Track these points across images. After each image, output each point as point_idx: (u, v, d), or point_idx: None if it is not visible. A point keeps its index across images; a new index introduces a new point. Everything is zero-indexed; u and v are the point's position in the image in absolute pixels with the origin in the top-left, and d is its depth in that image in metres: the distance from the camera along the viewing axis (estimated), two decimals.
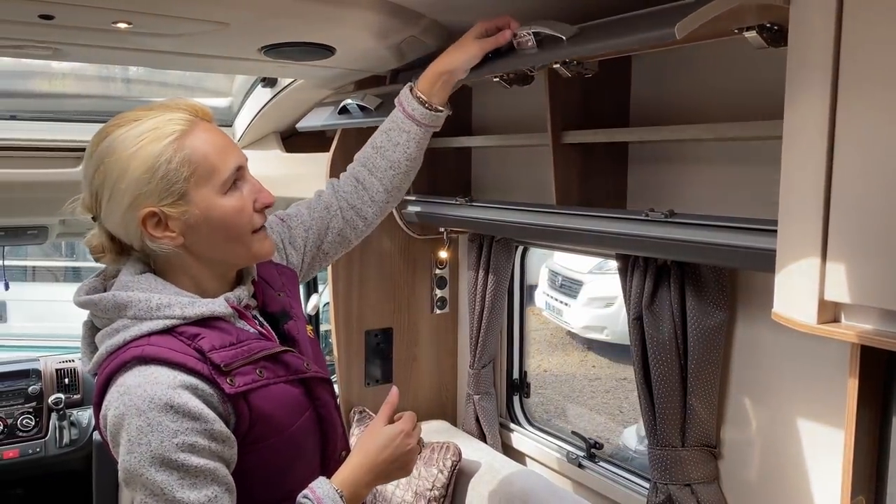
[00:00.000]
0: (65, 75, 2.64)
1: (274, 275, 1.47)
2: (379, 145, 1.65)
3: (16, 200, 2.81)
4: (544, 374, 7.80)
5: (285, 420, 1.26)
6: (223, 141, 1.26)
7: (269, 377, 1.24)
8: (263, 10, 1.51)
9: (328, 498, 1.23)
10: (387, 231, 2.64)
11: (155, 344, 1.17)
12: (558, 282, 7.75)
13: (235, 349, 1.21)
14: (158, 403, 1.12)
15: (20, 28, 1.50)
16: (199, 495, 1.13)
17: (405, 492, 2.31)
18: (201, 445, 1.14)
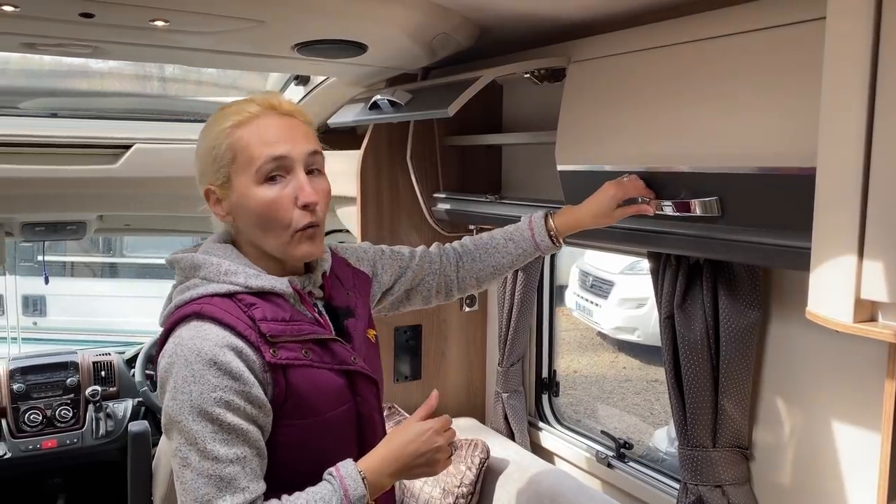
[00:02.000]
0: (103, 75, 2.70)
1: (348, 274, 1.52)
2: (493, 247, 1.72)
3: (55, 196, 2.88)
4: (574, 374, 7.76)
5: (322, 405, 1.30)
6: (275, 134, 1.29)
7: (313, 360, 1.29)
8: (299, 7, 1.53)
9: (350, 478, 1.26)
10: (416, 227, 2.65)
11: (214, 304, 1.24)
12: (589, 282, 7.70)
13: (285, 325, 1.27)
14: (204, 358, 1.19)
15: (62, 26, 1.54)
16: (228, 451, 1.18)
17: (433, 488, 2.32)
18: (237, 405, 1.19)
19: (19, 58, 2.49)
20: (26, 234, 3.13)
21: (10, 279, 6.90)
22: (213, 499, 1.18)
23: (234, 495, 1.19)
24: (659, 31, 1.61)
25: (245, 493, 1.20)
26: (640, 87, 1.65)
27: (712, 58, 1.48)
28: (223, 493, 1.18)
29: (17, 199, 2.86)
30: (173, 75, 2.80)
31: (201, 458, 1.18)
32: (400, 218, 2.62)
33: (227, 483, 1.19)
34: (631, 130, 1.67)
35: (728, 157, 1.45)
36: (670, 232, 1.65)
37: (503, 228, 1.74)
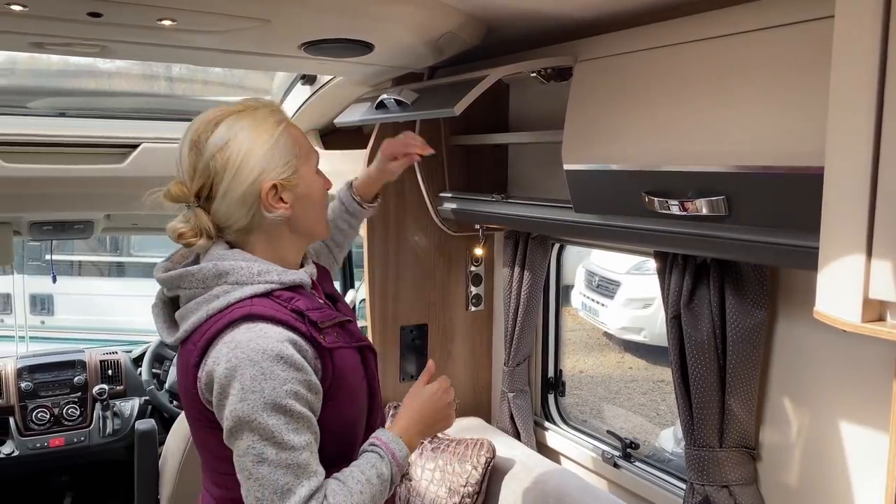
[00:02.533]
0: (111, 74, 2.70)
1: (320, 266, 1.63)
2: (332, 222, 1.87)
3: (63, 195, 2.89)
4: (580, 374, 7.74)
5: (353, 382, 1.40)
6: (298, 135, 1.44)
7: (343, 341, 1.39)
8: (304, 6, 1.53)
9: (393, 442, 1.37)
10: (423, 227, 2.65)
11: (259, 304, 1.31)
12: (595, 282, 7.68)
13: (321, 312, 1.37)
14: (270, 354, 1.25)
15: (69, 26, 1.54)
16: (300, 439, 1.26)
17: (439, 487, 2.32)
18: (303, 394, 1.27)
19: (28, 57, 2.50)
20: (34, 233, 3.15)
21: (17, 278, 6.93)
22: (294, 486, 1.23)
23: (311, 479, 1.25)
24: (665, 29, 1.61)
25: (317, 476, 1.27)
26: (647, 86, 1.64)
27: (719, 56, 1.48)
28: (301, 479, 1.24)
29: (25, 199, 2.87)
30: (180, 75, 2.81)
31: (279, 451, 1.24)
32: (406, 218, 2.62)
33: (304, 469, 1.25)
34: (637, 129, 1.67)
35: (734, 155, 1.44)
36: (677, 231, 1.64)
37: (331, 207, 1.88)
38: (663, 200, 1.62)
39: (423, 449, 2.42)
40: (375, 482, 1.32)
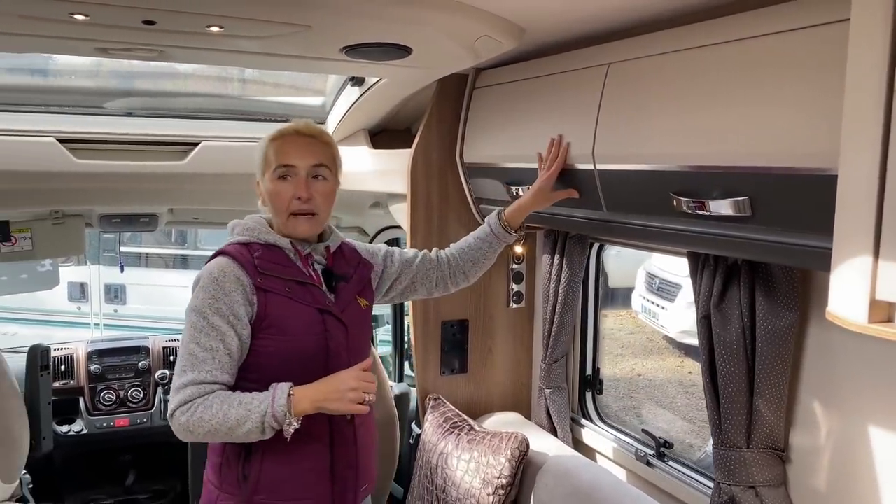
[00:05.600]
0: (187, 76, 2.87)
1: (354, 258, 1.97)
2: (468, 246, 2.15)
3: (130, 190, 3.07)
4: (638, 378, 7.66)
5: (294, 329, 1.73)
6: (289, 149, 1.80)
7: (292, 295, 1.74)
8: (342, 13, 1.61)
9: (280, 391, 1.63)
10: (464, 225, 2.70)
11: (232, 246, 1.78)
12: (655, 284, 7.58)
13: (275, 265, 1.76)
14: (211, 276, 1.70)
15: (128, 33, 1.67)
16: (206, 342, 1.66)
17: (473, 478, 2.38)
18: (222, 311, 1.67)
19: (109, 61, 2.66)
20: (104, 225, 3.36)
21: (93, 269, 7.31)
22: (186, 370, 1.65)
23: (199, 373, 1.64)
24: (693, 32, 1.63)
25: (205, 374, 1.64)
26: (674, 88, 1.66)
27: (743, 59, 1.49)
28: (193, 369, 1.65)
29: (96, 192, 3.06)
30: (253, 77, 2.95)
31: (190, 342, 1.67)
32: (448, 215, 2.68)
33: (199, 363, 1.65)
34: (665, 130, 1.69)
35: (756, 156, 1.45)
36: (703, 231, 1.66)
37: (475, 231, 2.16)
38: (689, 200, 1.64)
39: (460, 440, 2.49)
40: (246, 413, 1.60)
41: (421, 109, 2.72)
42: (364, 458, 1.89)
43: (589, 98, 1.93)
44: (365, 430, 1.90)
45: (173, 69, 2.80)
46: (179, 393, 1.64)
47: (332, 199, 1.86)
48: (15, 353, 3.28)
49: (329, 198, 1.84)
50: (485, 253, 2.12)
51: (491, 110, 2.46)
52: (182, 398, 1.63)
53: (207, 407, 1.62)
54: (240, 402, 1.62)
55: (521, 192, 2.28)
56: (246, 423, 1.60)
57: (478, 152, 2.51)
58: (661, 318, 7.51)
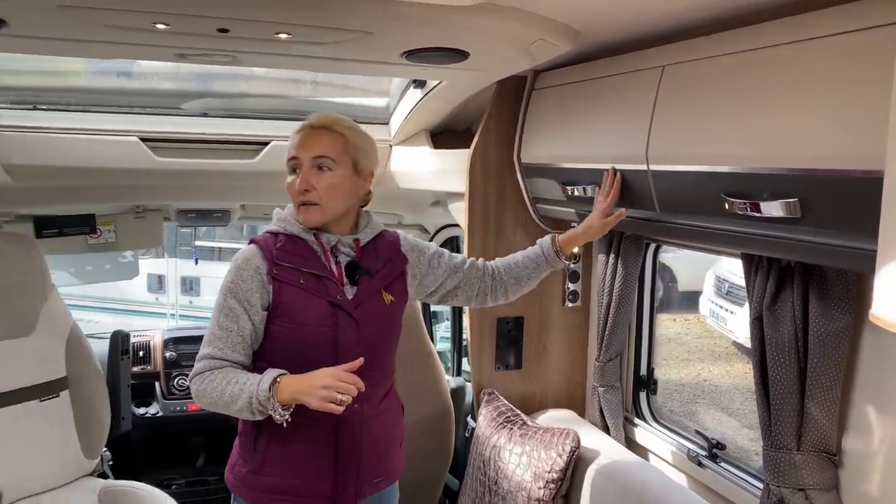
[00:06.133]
0: (260, 78, 3.01)
1: (389, 251, 2.00)
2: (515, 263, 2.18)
3: (205, 186, 3.25)
4: (704, 383, 7.52)
5: (304, 319, 1.82)
6: (300, 142, 1.89)
7: (305, 286, 1.83)
8: (401, 20, 1.69)
9: (268, 377, 1.70)
10: (521, 224, 2.76)
11: (263, 234, 1.90)
12: (725, 288, 7.43)
13: (294, 256, 1.85)
14: (236, 262, 1.85)
15: (204, 40, 1.80)
16: (224, 321, 1.81)
17: (525, 471, 2.43)
18: (240, 296, 1.81)
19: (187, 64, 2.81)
20: (181, 219, 3.56)
21: (170, 262, 7.67)
22: (205, 343, 1.82)
23: (213, 348, 1.80)
24: (746, 35, 1.64)
25: (217, 351, 1.79)
26: (727, 90, 1.68)
27: (796, 61, 1.50)
28: (209, 343, 1.81)
29: (174, 189, 3.26)
30: (325, 80, 3.07)
31: (212, 319, 1.84)
32: (505, 214, 2.74)
33: (214, 340, 1.81)
34: (717, 131, 1.71)
35: (806, 158, 1.46)
36: (754, 233, 1.67)
37: (525, 250, 2.19)
38: (741, 202, 1.65)
39: (513, 434, 2.54)
40: (238, 391, 1.71)
41: (481, 110, 2.78)
42: (375, 449, 1.93)
43: (643, 99, 1.95)
44: (381, 422, 1.94)
45: (249, 72, 2.94)
46: (197, 364, 1.82)
47: (338, 189, 1.86)
48: (98, 339, 3.50)
49: (334, 188, 1.85)
50: (530, 273, 2.15)
51: (548, 111, 2.50)
52: (197, 369, 1.81)
53: (211, 381, 1.76)
54: (237, 381, 1.73)
55: (577, 191, 2.32)
56: (238, 401, 1.71)
57: (535, 152, 2.56)
58: (729, 323, 7.35)
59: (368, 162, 1.94)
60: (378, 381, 1.93)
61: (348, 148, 1.88)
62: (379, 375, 1.93)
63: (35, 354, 2.87)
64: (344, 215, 1.92)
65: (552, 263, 2.14)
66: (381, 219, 3.75)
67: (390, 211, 3.76)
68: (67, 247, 3.40)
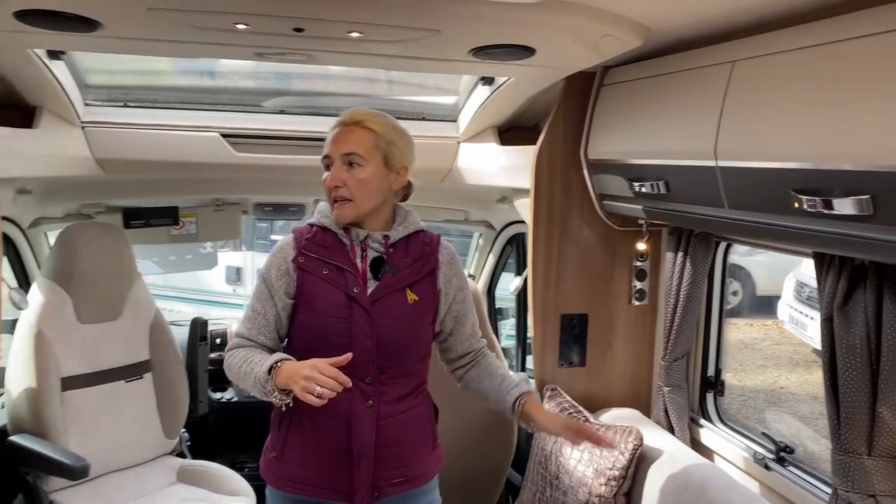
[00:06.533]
0: (337, 77, 3.11)
1: (418, 251, 1.97)
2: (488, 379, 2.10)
3: (281, 181, 3.37)
4: (780, 390, 7.29)
5: (322, 308, 1.88)
6: (332, 140, 1.93)
7: (327, 277, 1.88)
8: (468, 18, 1.73)
9: (272, 360, 1.75)
10: (587, 221, 2.76)
11: (302, 226, 1.98)
12: (805, 293, 7.17)
13: (320, 248, 1.91)
14: (273, 249, 1.96)
15: (280, 39, 1.89)
16: (256, 303, 1.93)
17: (587, 468, 2.43)
18: (269, 282, 1.91)
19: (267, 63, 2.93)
20: (257, 212, 3.71)
21: (248, 255, 7.93)
22: (240, 323, 1.96)
23: (244, 328, 1.92)
24: (818, 29, 1.61)
25: (246, 331, 1.91)
26: (797, 85, 1.65)
27: (868, 56, 1.46)
28: (242, 323, 1.94)
29: (252, 183, 3.39)
30: (399, 78, 3.14)
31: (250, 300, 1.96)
32: (571, 211, 2.75)
33: (245, 320, 1.93)
34: (787, 127, 1.68)
35: (880, 155, 1.42)
36: (824, 231, 1.63)
37: (503, 376, 2.08)
38: (810, 199, 1.62)
39: None
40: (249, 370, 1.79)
41: (549, 107, 2.79)
42: (393, 449, 1.91)
43: (713, 95, 1.93)
44: (400, 422, 1.92)
45: (325, 71, 3.03)
46: (231, 341, 1.96)
47: (368, 185, 1.87)
48: (179, 326, 3.68)
49: (364, 184, 1.87)
50: (488, 400, 2.09)
51: (617, 107, 2.50)
52: (229, 346, 1.94)
53: (234, 357, 1.88)
54: (251, 360, 1.81)
55: (644, 188, 2.31)
56: (248, 379, 1.79)
57: (602, 148, 2.56)
58: (809, 330, 7.08)
59: (402, 157, 1.93)
60: (395, 380, 1.92)
61: (379, 143, 1.88)
62: (396, 374, 1.92)
63: (121, 338, 3.06)
64: (378, 210, 1.93)
65: (506, 411, 2.04)
66: (448, 214, 3.86)
67: (457, 207, 3.81)
68: (152, 237, 3.59)
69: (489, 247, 4.02)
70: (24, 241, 3.30)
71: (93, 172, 2.91)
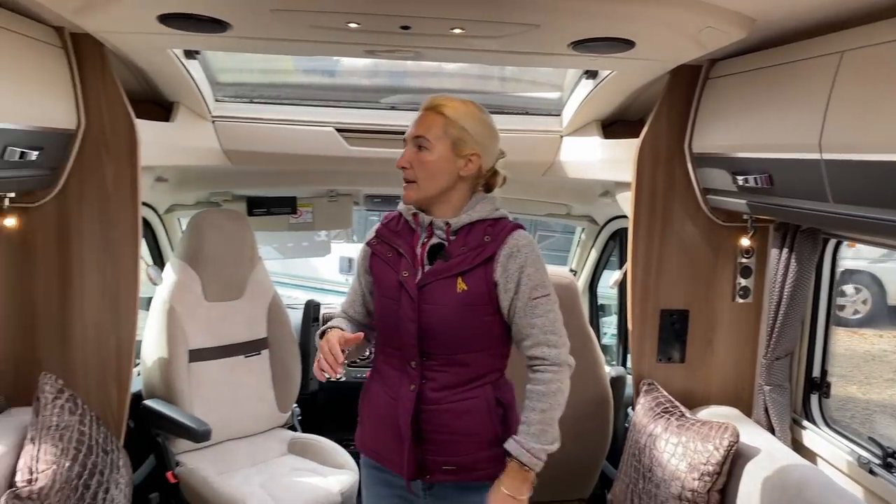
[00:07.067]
0: (452, 75, 3.22)
1: (477, 240, 1.90)
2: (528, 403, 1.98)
3: (391, 174, 3.51)
4: None
5: (382, 289, 1.98)
6: (412, 124, 1.93)
7: (388, 260, 1.96)
8: (567, 12, 1.80)
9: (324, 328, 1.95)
10: (690, 216, 2.73)
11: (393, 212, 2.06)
12: None
13: (391, 233, 2.00)
14: None
15: (389, 37, 2.02)
16: (353, 281, 2.11)
17: (680, 461, 2.43)
18: (359, 263, 2.06)
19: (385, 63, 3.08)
20: (368, 203, 3.91)
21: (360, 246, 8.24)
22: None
23: (343, 301, 2.13)
24: None
25: (344, 304, 2.11)
26: None
27: None
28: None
29: (363, 175, 3.58)
30: (512, 75, 3.23)
31: None
32: (673, 205, 2.73)
33: (346, 296, 2.12)
34: None
35: None
36: None
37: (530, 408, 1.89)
38: None
39: (670, 424, 2.54)
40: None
41: (654, 100, 2.79)
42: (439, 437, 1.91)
43: (819, 87, 1.89)
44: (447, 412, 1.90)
45: (440, 69, 3.15)
46: None
47: (431, 168, 1.87)
48: (293, 309, 3.93)
49: (426, 167, 1.87)
50: None
51: (722, 100, 2.47)
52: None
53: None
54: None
55: (747, 182, 2.27)
56: None
57: (706, 142, 2.53)
58: None
59: (474, 144, 1.89)
60: (445, 368, 1.90)
61: (448, 128, 1.87)
62: (445, 362, 1.89)
63: (243, 316, 3.32)
64: (446, 196, 1.92)
65: None
66: (550, 209, 3.90)
67: (559, 201, 3.84)
68: (272, 224, 3.86)
69: (591, 242, 4.03)
70: (160, 226, 3.64)
71: (221, 163, 3.18)
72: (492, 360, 1.95)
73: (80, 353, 2.53)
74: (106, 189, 2.47)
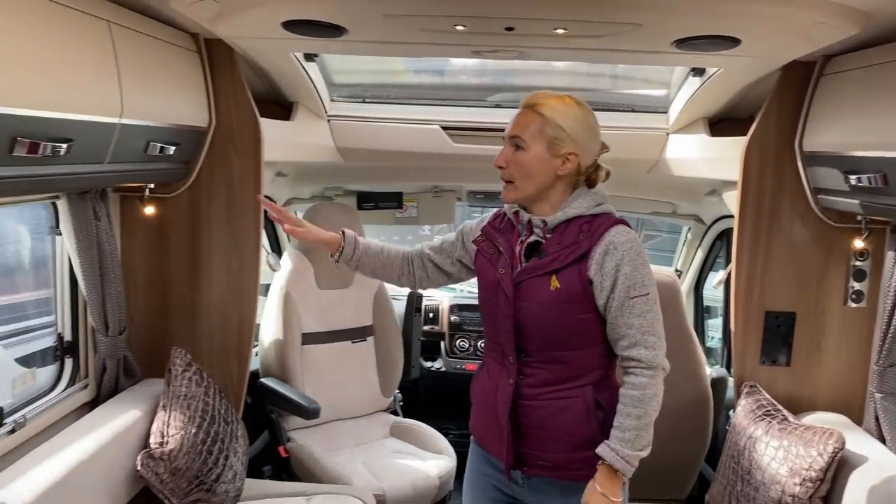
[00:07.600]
0: (561, 73, 3.26)
1: (572, 237, 1.86)
2: None
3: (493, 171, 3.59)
4: None
5: (483, 284, 2.01)
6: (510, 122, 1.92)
7: (490, 256, 1.98)
8: (669, 11, 1.81)
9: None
10: (800, 216, 2.65)
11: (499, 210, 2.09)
12: None
13: (494, 229, 2.01)
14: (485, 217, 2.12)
15: (494, 38, 2.10)
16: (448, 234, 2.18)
17: (780, 465, 2.38)
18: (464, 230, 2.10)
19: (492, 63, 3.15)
20: (470, 199, 4.02)
21: None
22: None
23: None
24: None
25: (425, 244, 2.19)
26: None
27: None
28: None
29: (466, 172, 3.68)
30: (623, 73, 3.24)
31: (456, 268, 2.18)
32: (782, 204, 2.66)
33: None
34: None
35: None
36: None
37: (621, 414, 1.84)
38: None
39: (771, 427, 2.50)
40: None
41: (764, 98, 2.73)
42: (535, 431, 1.91)
43: None
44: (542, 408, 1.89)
45: (548, 66, 3.18)
46: None
47: (526, 168, 1.85)
48: (397, 300, 4.09)
49: (521, 167, 1.86)
50: None
51: (836, 97, 2.39)
52: None
53: None
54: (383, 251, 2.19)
55: (860, 182, 2.20)
56: None
57: (818, 140, 2.46)
58: None
59: (571, 143, 1.84)
60: (542, 365, 1.89)
61: (545, 128, 1.83)
62: (542, 359, 1.89)
63: (351, 304, 3.51)
64: (545, 195, 1.89)
65: None
66: (655, 207, 3.86)
67: (665, 199, 3.80)
68: (380, 218, 4.05)
69: (698, 242, 3.96)
70: None
71: (334, 159, 3.37)
72: (593, 359, 1.90)
73: (206, 331, 2.76)
74: (232, 182, 2.69)
